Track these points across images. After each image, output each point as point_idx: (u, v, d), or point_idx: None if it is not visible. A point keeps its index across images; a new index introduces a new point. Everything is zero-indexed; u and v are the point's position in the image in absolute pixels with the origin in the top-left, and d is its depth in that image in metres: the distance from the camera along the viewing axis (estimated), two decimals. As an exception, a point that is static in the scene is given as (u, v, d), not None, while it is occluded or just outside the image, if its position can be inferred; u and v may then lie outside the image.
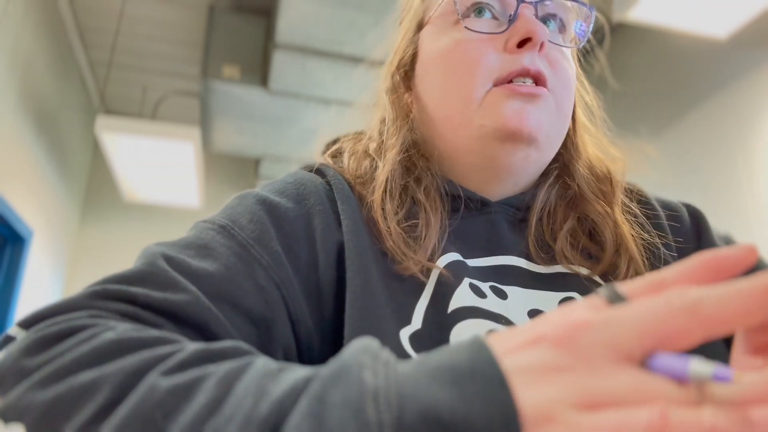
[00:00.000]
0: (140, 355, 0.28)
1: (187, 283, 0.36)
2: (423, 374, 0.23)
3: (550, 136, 0.49)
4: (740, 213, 2.25)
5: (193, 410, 0.24)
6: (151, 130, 2.75)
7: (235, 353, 0.29)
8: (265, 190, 0.48)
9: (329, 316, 0.44)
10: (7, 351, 0.30)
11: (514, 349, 0.23)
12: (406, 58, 0.56)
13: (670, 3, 1.95)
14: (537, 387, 0.21)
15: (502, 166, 0.50)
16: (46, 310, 0.33)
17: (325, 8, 2.47)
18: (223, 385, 0.25)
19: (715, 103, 2.46)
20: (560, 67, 0.50)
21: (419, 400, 0.21)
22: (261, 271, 0.41)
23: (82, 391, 0.26)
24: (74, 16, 3.29)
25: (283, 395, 0.24)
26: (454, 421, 0.20)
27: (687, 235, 0.53)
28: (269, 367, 0.26)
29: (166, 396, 0.25)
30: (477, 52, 0.49)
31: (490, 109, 0.48)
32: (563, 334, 0.22)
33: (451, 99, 0.50)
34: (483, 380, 0.22)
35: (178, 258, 0.39)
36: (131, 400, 0.25)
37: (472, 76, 0.49)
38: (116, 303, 0.34)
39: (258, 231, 0.43)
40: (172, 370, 0.27)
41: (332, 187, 0.50)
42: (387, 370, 0.23)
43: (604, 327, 0.22)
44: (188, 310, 0.35)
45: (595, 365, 0.22)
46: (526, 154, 0.49)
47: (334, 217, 0.47)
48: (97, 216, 4.10)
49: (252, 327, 0.39)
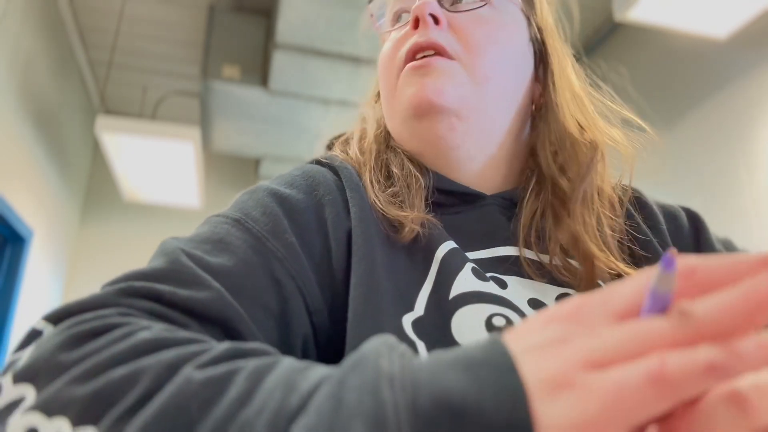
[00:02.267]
0: (175, 351, 0.29)
1: (210, 280, 0.37)
2: (437, 364, 0.23)
3: (465, 100, 0.50)
4: (740, 213, 2.25)
5: (225, 402, 0.25)
6: (151, 130, 2.75)
7: (263, 352, 0.30)
8: (275, 183, 0.49)
9: (340, 304, 0.44)
10: (40, 346, 0.30)
11: (526, 334, 0.24)
12: None
13: (670, 3, 1.95)
14: (545, 360, 0.22)
15: (434, 141, 0.51)
16: (75, 305, 0.33)
17: (325, 8, 2.47)
18: (254, 378, 0.26)
19: (715, 103, 2.46)
20: (470, 33, 0.51)
21: (432, 386, 0.22)
22: (277, 263, 0.41)
23: (122, 384, 0.27)
24: (74, 16, 3.29)
25: (310, 388, 0.25)
26: (465, 405, 0.21)
27: (686, 238, 0.53)
28: (296, 365, 0.28)
29: (200, 387, 0.26)
30: (392, 48, 0.54)
31: (399, 93, 0.52)
32: (569, 309, 0.24)
33: (384, 97, 0.56)
34: (494, 367, 0.23)
35: (196, 254, 0.39)
36: (167, 391, 0.26)
37: (388, 69, 0.54)
38: (143, 301, 0.34)
39: (272, 223, 0.43)
40: (206, 363, 0.28)
41: (340, 175, 0.51)
42: (403, 360, 0.24)
43: (604, 298, 0.24)
44: (212, 307, 0.35)
45: (596, 328, 0.23)
46: (448, 124, 0.50)
47: (343, 205, 0.48)
48: (97, 216, 4.10)
49: (271, 320, 0.39)
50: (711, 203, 2.38)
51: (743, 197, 2.25)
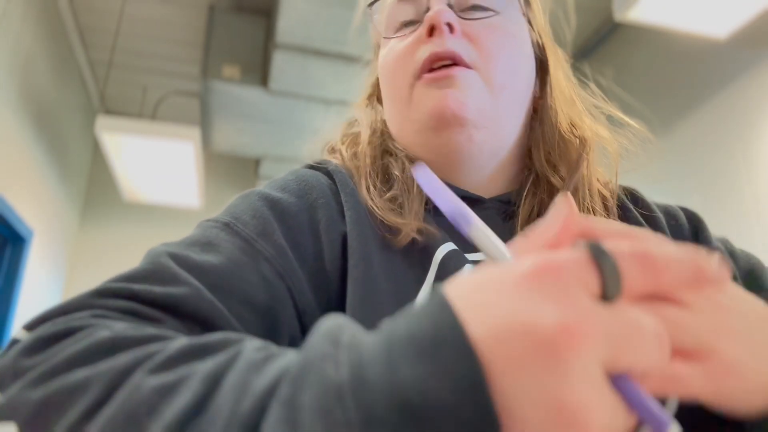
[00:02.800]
0: (132, 353, 0.28)
1: (189, 277, 0.36)
2: (389, 351, 0.22)
3: (484, 111, 0.50)
4: (741, 213, 2.24)
5: (177, 408, 0.24)
6: (151, 130, 2.74)
7: (223, 345, 0.28)
8: (267, 188, 0.49)
9: (335, 306, 0.44)
10: (8, 352, 0.30)
11: (479, 305, 0.23)
12: (373, 82, 0.62)
13: (670, 3, 1.95)
14: (517, 377, 0.21)
15: (451, 153, 0.51)
16: (50, 312, 0.33)
17: (325, 8, 2.47)
18: (208, 382, 0.25)
19: (715, 104, 2.46)
20: (483, 40, 0.50)
21: (386, 388, 0.21)
22: (265, 263, 0.41)
23: (73, 390, 0.26)
24: (74, 16, 3.29)
25: (265, 389, 0.24)
26: (425, 405, 0.20)
27: (685, 238, 0.53)
28: (255, 358, 0.26)
29: (150, 394, 0.25)
30: (400, 54, 0.52)
31: (417, 103, 0.51)
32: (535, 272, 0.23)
33: (393, 104, 0.54)
34: (449, 349, 0.21)
35: (183, 254, 0.39)
36: (117, 399, 0.25)
37: (398, 77, 0.52)
38: (118, 300, 0.34)
39: (261, 226, 0.43)
40: (158, 368, 0.27)
41: (335, 179, 0.51)
42: (350, 356, 0.23)
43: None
44: (189, 302, 0.35)
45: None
46: (467, 135, 0.49)
47: (337, 208, 0.48)
48: (97, 216, 4.10)
49: (258, 318, 0.39)
50: (711, 203, 2.38)
51: (743, 197, 2.25)
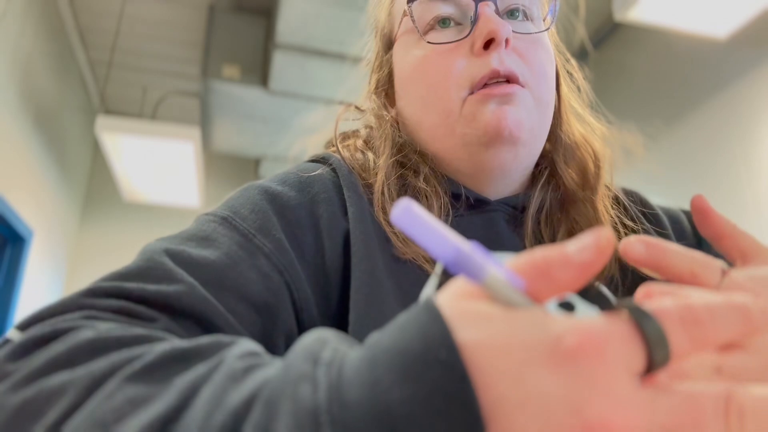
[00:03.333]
0: (113, 357, 0.27)
1: (183, 274, 0.36)
2: (372, 369, 0.20)
3: (533, 130, 0.49)
4: (740, 213, 2.24)
5: (146, 418, 0.23)
6: (151, 130, 2.74)
7: (207, 351, 0.27)
8: (268, 181, 0.48)
9: (335, 303, 0.43)
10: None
11: (502, 373, 0.20)
12: (382, 78, 0.57)
13: (670, 3, 1.95)
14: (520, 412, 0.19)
15: (493, 169, 0.49)
16: (41, 312, 0.32)
17: (325, 8, 2.47)
18: (184, 393, 0.24)
19: (715, 103, 2.46)
20: (532, 57, 0.50)
21: (367, 412, 0.19)
22: (263, 258, 0.41)
23: (50, 395, 0.26)
24: (74, 16, 3.29)
25: (239, 405, 0.22)
26: (411, 429, 0.19)
27: (689, 241, 0.53)
28: (235, 368, 0.25)
29: (123, 403, 0.24)
30: (445, 63, 0.49)
31: (470, 117, 0.48)
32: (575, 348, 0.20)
33: (431, 113, 0.50)
34: (438, 368, 0.19)
35: (179, 249, 0.38)
36: (89, 406, 0.25)
37: (445, 89, 0.49)
38: (110, 300, 0.33)
39: (260, 220, 0.43)
40: (134, 375, 0.26)
41: (338, 174, 0.50)
42: (329, 376, 0.21)
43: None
44: (183, 300, 0.34)
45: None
46: (514, 153, 0.48)
47: (339, 204, 0.47)
48: (97, 216, 4.10)
49: (255, 314, 0.38)
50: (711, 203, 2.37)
51: (743, 197, 2.25)
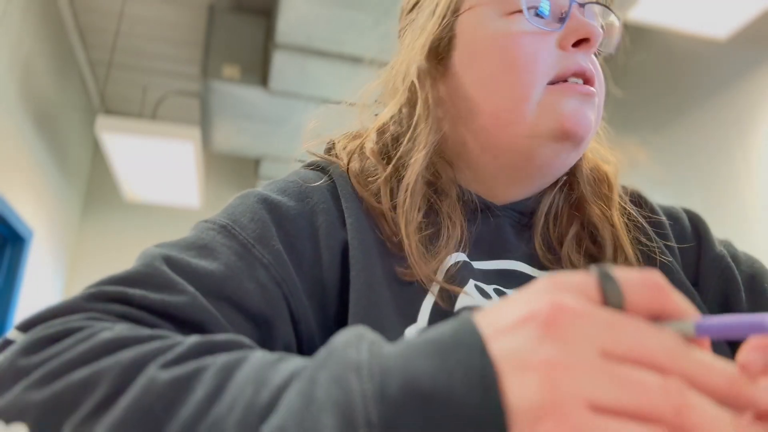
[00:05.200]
0: (136, 349, 0.28)
1: (185, 284, 0.36)
2: (407, 349, 0.23)
3: (592, 136, 0.50)
4: (740, 212, 2.25)
5: (193, 402, 0.25)
6: (151, 130, 2.75)
7: (234, 345, 0.29)
8: (267, 189, 0.48)
9: (333, 314, 0.43)
10: (4, 354, 0.30)
11: (502, 330, 0.23)
12: (442, 44, 0.51)
13: (670, 3, 1.95)
14: (524, 376, 0.21)
15: (542, 165, 0.49)
16: (44, 313, 0.33)
17: (325, 8, 2.47)
18: (223, 375, 0.26)
19: (715, 103, 2.46)
20: (599, 70, 0.50)
21: (400, 372, 0.22)
22: (262, 270, 0.40)
23: (81, 387, 0.26)
24: (74, 16, 3.29)
25: (282, 383, 0.25)
26: (435, 390, 0.21)
27: (688, 240, 0.53)
28: (267, 358, 0.27)
29: (165, 388, 0.25)
30: (534, 48, 0.47)
31: (548, 108, 0.46)
32: (551, 319, 0.22)
33: (502, 94, 0.48)
34: (464, 349, 0.22)
35: (179, 258, 0.38)
36: (130, 394, 0.25)
37: (529, 73, 0.47)
38: (113, 305, 0.34)
39: (259, 230, 0.43)
40: (170, 362, 0.27)
41: (336, 184, 0.49)
42: (371, 347, 0.24)
43: (591, 325, 0.22)
44: (186, 311, 0.35)
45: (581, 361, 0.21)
46: (568, 154, 0.48)
47: (338, 214, 0.47)
48: (97, 216, 4.10)
49: (252, 326, 0.39)
50: (710, 203, 2.38)
51: (743, 197, 2.25)
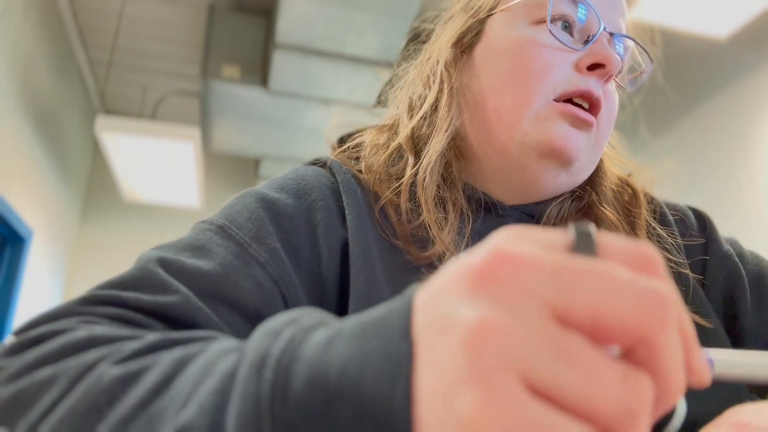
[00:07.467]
0: (104, 349, 0.28)
1: (178, 285, 0.36)
2: (335, 334, 0.22)
3: (584, 163, 0.49)
4: (740, 212, 2.25)
5: (136, 394, 0.25)
6: (151, 130, 2.75)
7: (196, 340, 0.28)
8: (265, 188, 0.48)
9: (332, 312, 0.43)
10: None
11: (434, 295, 0.20)
12: (470, 37, 0.53)
13: (670, 3, 1.95)
14: (440, 343, 0.18)
15: (531, 179, 0.49)
16: (37, 318, 0.33)
17: (325, 8, 2.47)
18: (173, 369, 0.25)
19: (715, 103, 2.46)
20: (611, 101, 0.50)
21: (310, 365, 0.21)
22: (259, 268, 0.40)
23: (42, 385, 0.27)
24: (74, 16, 3.29)
25: (229, 370, 0.24)
26: (340, 385, 0.20)
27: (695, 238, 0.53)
28: (225, 347, 0.26)
29: (111, 384, 0.25)
30: (549, 60, 0.48)
31: (542, 122, 0.47)
32: (487, 270, 0.18)
33: (507, 95, 0.49)
34: (386, 330, 0.20)
35: (173, 259, 0.38)
36: (78, 390, 0.26)
37: (538, 82, 0.47)
38: (106, 307, 0.34)
39: (256, 229, 0.43)
40: (123, 359, 0.27)
41: (338, 180, 0.49)
42: (294, 334, 0.23)
43: (538, 275, 0.18)
44: (178, 311, 0.35)
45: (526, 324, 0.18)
46: (556, 174, 0.48)
47: (337, 212, 0.47)
48: (97, 216, 4.10)
49: (249, 325, 0.38)
50: (710, 202, 2.38)
51: (743, 197, 2.25)
